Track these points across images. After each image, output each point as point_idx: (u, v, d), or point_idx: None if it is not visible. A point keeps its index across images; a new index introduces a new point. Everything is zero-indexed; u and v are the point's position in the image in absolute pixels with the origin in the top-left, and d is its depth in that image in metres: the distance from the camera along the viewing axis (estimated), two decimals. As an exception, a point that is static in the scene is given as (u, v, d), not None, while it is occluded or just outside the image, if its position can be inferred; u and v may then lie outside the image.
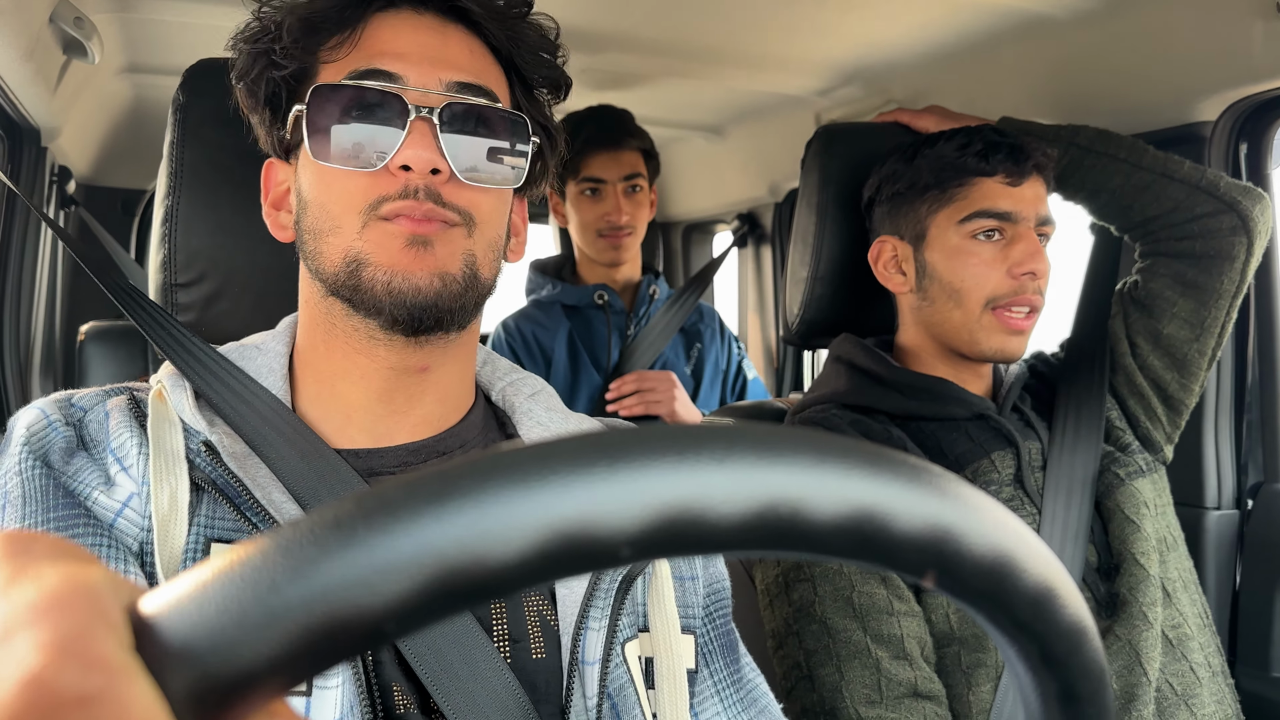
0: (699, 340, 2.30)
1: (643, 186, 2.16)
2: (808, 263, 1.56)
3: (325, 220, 0.83)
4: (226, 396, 0.83)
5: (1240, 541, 1.66)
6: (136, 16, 1.81)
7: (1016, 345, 1.34)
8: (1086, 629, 0.34)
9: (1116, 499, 1.34)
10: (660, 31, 1.92)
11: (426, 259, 0.80)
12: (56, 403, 0.81)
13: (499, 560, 0.25)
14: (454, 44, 0.87)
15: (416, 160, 0.80)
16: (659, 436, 0.28)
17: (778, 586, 1.29)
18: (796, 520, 0.28)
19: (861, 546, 0.29)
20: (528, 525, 0.26)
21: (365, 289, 0.80)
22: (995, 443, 1.36)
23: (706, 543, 0.27)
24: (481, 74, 0.87)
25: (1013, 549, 0.31)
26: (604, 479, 0.26)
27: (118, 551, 0.73)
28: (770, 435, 0.29)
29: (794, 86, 2.26)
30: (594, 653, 0.81)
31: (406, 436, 0.87)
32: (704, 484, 0.27)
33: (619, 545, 0.26)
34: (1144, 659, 1.22)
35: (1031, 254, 1.32)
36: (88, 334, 1.95)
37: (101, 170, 2.73)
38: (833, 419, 1.39)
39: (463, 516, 0.25)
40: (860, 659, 1.18)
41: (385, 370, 0.85)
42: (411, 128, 0.80)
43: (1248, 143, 1.64)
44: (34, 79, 1.80)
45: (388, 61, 0.83)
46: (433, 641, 0.75)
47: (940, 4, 1.71)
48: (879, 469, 0.29)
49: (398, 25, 0.86)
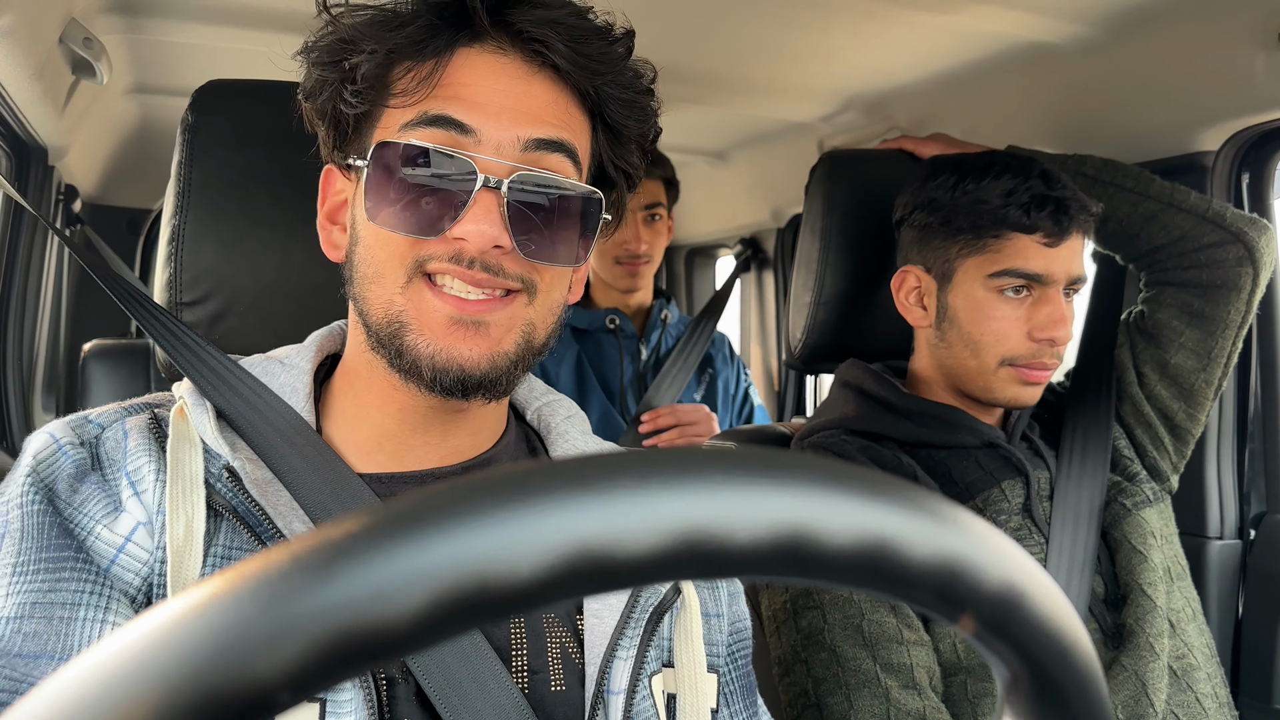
0: (710, 366, 2.31)
1: (662, 215, 2.17)
2: (811, 288, 1.57)
3: (370, 265, 0.79)
4: (248, 415, 0.81)
5: (1243, 572, 1.65)
6: (145, 38, 1.82)
7: (1031, 394, 1.33)
8: (1095, 676, 0.33)
9: (1124, 529, 1.33)
10: (666, 57, 1.93)
11: (478, 339, 0.76)
12: (69, 424, 0.78)
13: (517, 578, 0.25)
14: (537, 93, 0.79)
15: (477, 236, 0.74)
16: (677, 459, 0.27)
17: (785, 613, 1.28)
18: (814, 548, 0.28)
19: (874, 576, 0.29)
20: (547, 541, 0.25)
21: (408, 355, 0.77)
22: (1005, 471, 1.35)
23: (723, 566, 0.27)
24: (564, 128, 0.80)
25: (1024, 585, 0.31)
26: (624, 499, 0.26)
27: (103, 597, 0.71)
28: (790, 461, 0.29)
29: (798, 113, 2.27)
30: (620, 682, 0.79)
31: (434, 463, 0.85)
32: (723, 507, 0.27)
33: (636, 566, 0.26)
34: (1150, 690, 1.21)
35: (1056, 321, 1.28)
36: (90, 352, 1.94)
37: (108, 189, 2.74)
38: (842, 445, 1.38)
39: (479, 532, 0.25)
40: (870, 688, 1.17)
41: (424, 409, 0.82)
42: (476, 199, 0.75)
43: (1250, 172, 1.64)
44: (42, 98, 1.81)
45: (463, 110, 0.76)
46: (448, 670, 0.74)
47: (944, 32, 1.72)
48: (895, 499, 0.29)
49: (479, 67, 0.78)
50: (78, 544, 0.72)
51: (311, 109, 0.84)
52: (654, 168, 2.14)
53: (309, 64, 0.81)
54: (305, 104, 0.84)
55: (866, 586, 0.29)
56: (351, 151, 0.82)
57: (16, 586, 0.70)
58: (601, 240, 0.89)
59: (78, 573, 0.71)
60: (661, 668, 0.84)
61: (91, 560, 0.72)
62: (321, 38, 0.80)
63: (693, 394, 2.25)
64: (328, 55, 0.80)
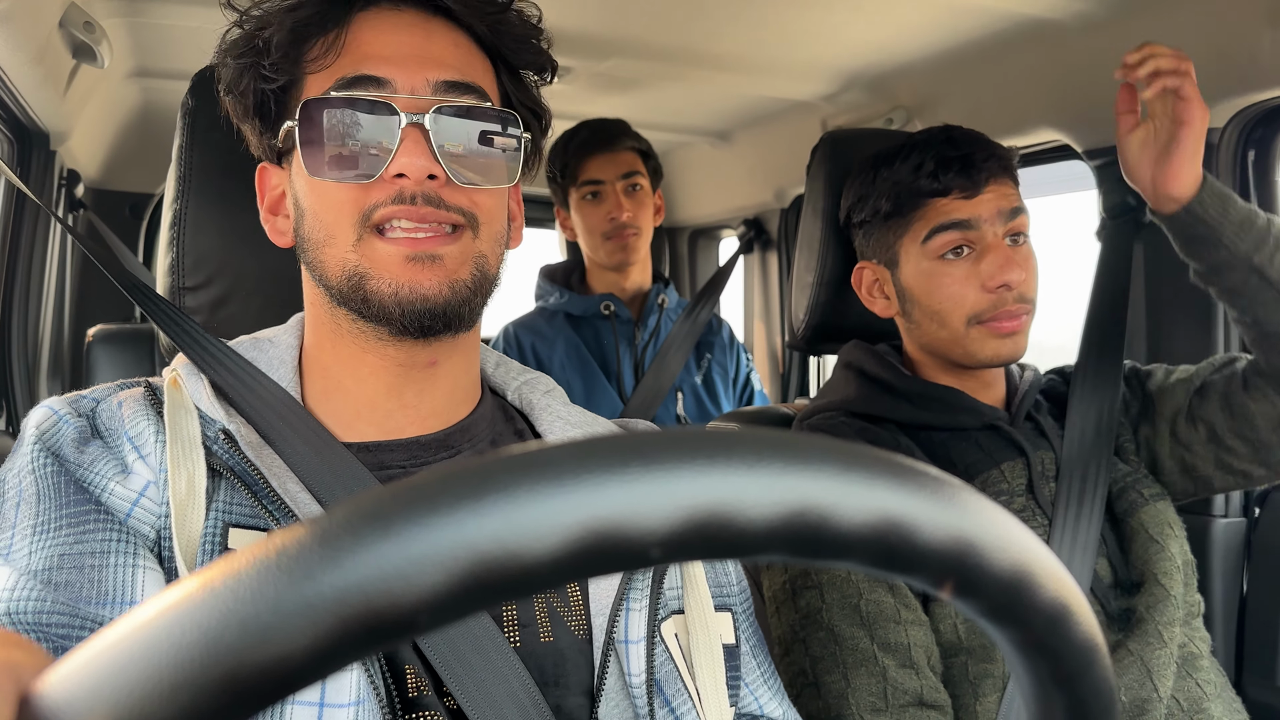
0: (709, 351, 2.30)
1: (643, 185, 2.15)
2: (813, 268, 1.56)
3: (320, 230, 0.83)
4: (240, 390, 0.84)
5: (1248, 549, 1.65)
6: (145, 21, 1.82)
7: (1012, 347, 1.31)
8: (1098, 648, 0.34)
9: (1140, 518, 1.32)
10: (667, 37, 1.93)
11: (435, 270, 0.80)
12: (65, 399, 0.81)
13: (533, 557, 0.25)
14: (439, 40, 0.85)
15: (412, 168, 0.79)
16: (691, 439, 0.28)
17: (784, 593, 1.29)
18: (824, 527, 0.28)
19: (885, 556, 0.29)
20: (562, 523, 0.26)
21: (373, 300, 0.80)
22: (1005, 452, 1.34)
23: (734, 547, 0.28)
24: (468, 69, 0.86)
25: (1031, 565, 0.31)
26: (638, 479, 0.26)
27: (129, 545, 0.74)
28: (800, 442, 0.29)
29: (800, 92, 2.26)
30: (638, 632, 0.82)
31: (416, 430, 0.88)
32: (735, 488, 0.27)
33: (649, 546, 0.27)
34: (1155, 676, 1.21)
35: (1002, 265, 1.27)
36: (95, 336, 1.95)
37: (110, 174, 2.74)
38: (840, 427, 1.38)
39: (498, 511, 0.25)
40: (867, 667, 1.18)
41: (394, 367, 0.85)
42: (404, 135, 0.80)
43: (1255, 150, 1.64)
44: (43, 83, 1.81)
45: (374, 65, 0.82)
46: (447, 632, 0.76)
47: (946, 10, 1.71)
48: (906, 480, 0.29)
49: (380, 25, 0.85)
50: (94, 499, 0.75)
51: (235, 103, 0.89)
52: (626, 138, 2.14)
53: (226, 61, 0.87)
54: (227, 100, 0.89)
55: (878, 567, 0.29)
56: (281, 128, 0.86)
57: (41, 543, 0.72)
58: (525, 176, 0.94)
59: (101, 524, 0.74)
60: (671, 615, 0.87)
61: (111, 514, 0.74)
62: (230, 34, 0.87)
63: (693, 378, 2.25)
64: (242, 44, 0.85)
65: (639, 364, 2.19)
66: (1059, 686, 0.34)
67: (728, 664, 0.89)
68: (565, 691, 0.81)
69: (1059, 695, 0.34)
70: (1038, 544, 0.32)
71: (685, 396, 2.22)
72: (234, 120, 0.91)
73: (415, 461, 0.86)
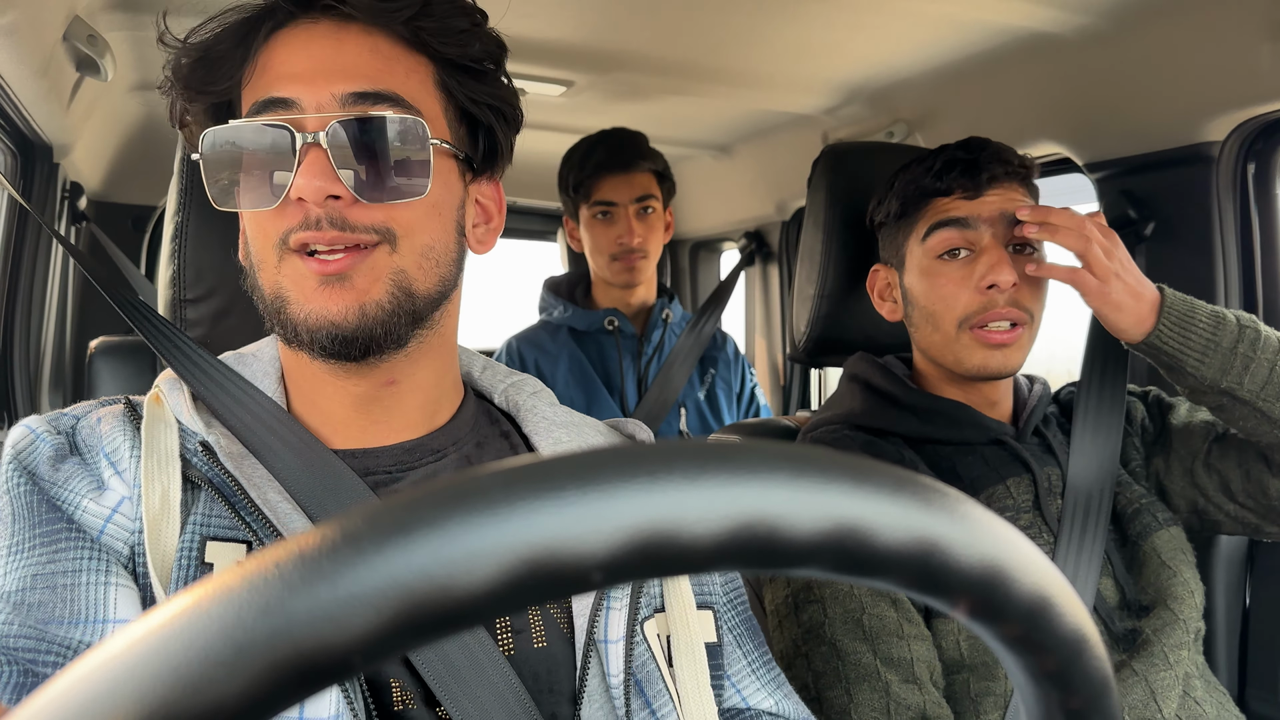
0: (713, 366, 2.29)
1: (655, 208, 2.14)
2: (814, 281, 1.57)
3: (254, 255, 0.82)
4: (225, 401, 0.83)
5: (1250, 564, 1.65)
6: (149, 34, 1.82)
7: (1000, 361, 1.30)
8: (1086, 637, 0.33)
9: (1154, 543, 1.30)
10: (669, 51, 1.93)
11: (343, 293, 0.77)
12: (45, 417, 0.81)
13: (465, 590, 0.25)
14: (349, 49, 0.81)
15: (308, 190, 0.76)
16: (628, 457, 0.27)
17: (787, 607, 1.28)
18: (774, 537, 0.27)
19: (844, 561, 0.28)
20: (494, 553, 0.25)
21: (289, 325, 0.79)
22: (1010, 468, 1.33)
23: (681, 563, 0.27)
24: (386, 76, 0.81)
25: (1004, 558, 0.30)
26: (572, 503, 0.26)
27: (102, 562, 0.73)
28: (743, 451, 0.28)
29: (801, 105, 2.27)
30: (617, 631, 0.81)
31: (397, 438, 0.87)
32: (676, 504, 0.26)
33: (589, 570, 0.26)
34: (1159, 697, 1.20)
35: (992, 266, 1.26)
36: (97, 349, 1.95)
37: (113, 186, 2.75)
38: (845, 441, 1.37)
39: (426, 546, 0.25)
40: (869, 682, 1.17)
41: (351, 389, 0.84)
42: (301, 155, 0.76)
43: (1255, 163, 1.64)
44: (47, 96, 1.82)
45: (282, 85, 0.79)
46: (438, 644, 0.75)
47: (948, 24, 1.72)
48: (859, 480, 0.28)
49: (291, 43, 0.81)
50: (67, 517, 0.74)
51: (187, 135, 0.88)
52: (644, 160, 2.12)
53: (167, 94, 0.86)
54: (184, 132, 0.88)
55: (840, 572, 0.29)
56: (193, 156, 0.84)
57: (15, 564, 0.72)
58: (487, 182, 0.91)
59: (73, 542, 0.73)
60: (653, 613, 0.86)
61: (84, 532, 0.74)
62: (162, 72, 0.86)
63: (696, 393, 2.25)
64: (165, 74, 0.85)
65: (642, 379, 2.19)
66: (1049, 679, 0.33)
67: (711, 663, 0.87)
68: (559, 698, 0.80)
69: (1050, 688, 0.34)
70: (1012, 533, 0.32)
71: (688, 412, 2.21)
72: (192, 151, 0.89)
73: (401, 466, 0.85)
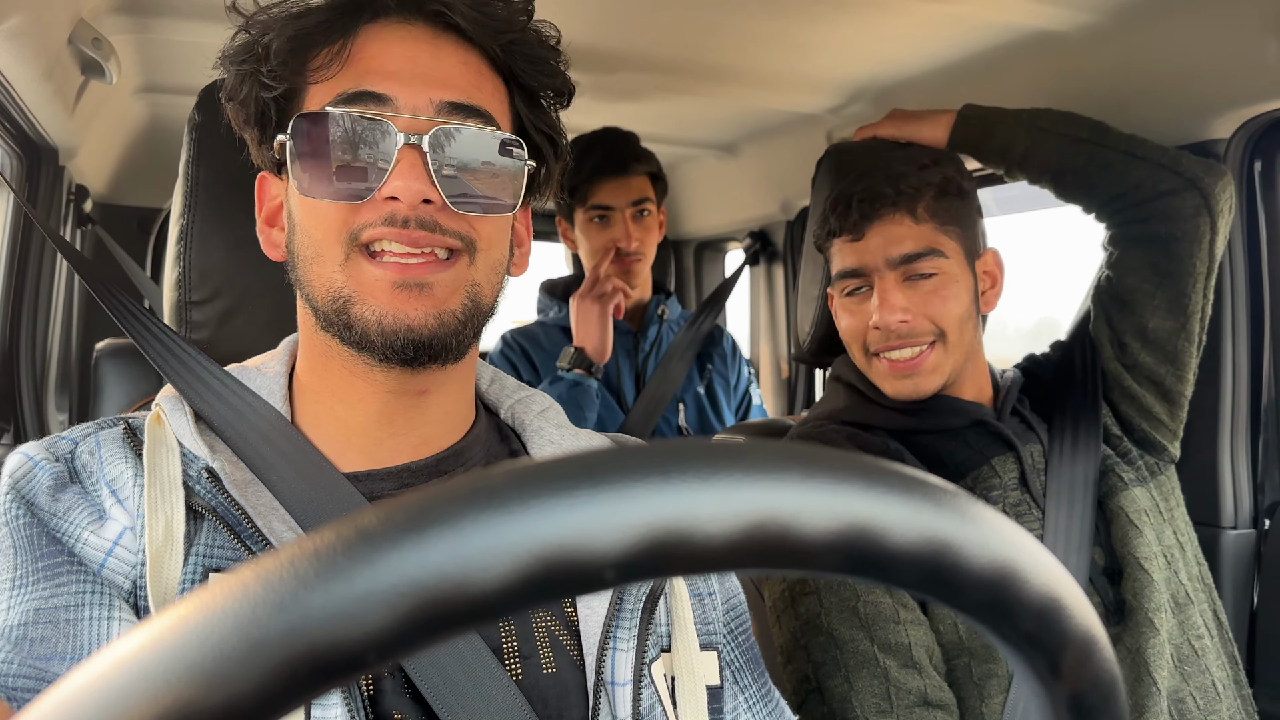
0: (710, 362, 2.30)
1: (651, 211, 2.15)
2: (818, 280, 1.56)
3: (309, 246, 0.81)
4: (228, 416, 0.81)
5: (1258, 561, 1.64)
6: (153, 37, 1.83)
7: (911, 386, 1.34)
8: (1096, 638, 0.33)
9: (1119, 501, 1.34)
10: (673, 50, 1.93)
11: (422, 300, 0.77)
12: (41, 443, 0.79)
13: (480, 587, 0.25)
14: (447, 59, 0.82)
15: (405, 191, 0.76)
16: (642, 456, 0.27)
17: (784, 601, 1.29)
18: (786, 536, 0.27)
19: (856, 561, 0.28)
20: (509, 550, 0.25)
21: (356, 326, 0.77)
22: (994, 448, 1.35)
23: (693, 563, 0.27)
24: (476, 91, 0.82)
25: (1015, 559, 0.30)
26: (586, 501, 0.26)
27: (103, 597, 0.71)
28: (756, 450, 0.28)
29: (806, 104, 2.26)
30: (624, 674, 0.79)
31: (407, 457, 0.85)
32: (688, 503, 0.26)
33: (603, 568, 0.26)
34: (1152, 668, 1.20)
35: (877, 307, 1.34)
36: (103, 351, 1.96)
37: (118, 189, 2.75)
38: (829, 434, 1.40)
39: (441, 543, 0.25)
40: (868, 668, 1.18)
41: (383, 394, 0.83)
42: (400, 156, 0.76)
43: (1262, 160, 1.63)
44: (52, 99, 1.82)
45: (377, 81, 0.79)
46: (439, 662, 0.74)
47: (952, 22, 1.71)
48: (872, 481, 0.28)
49: (387, 39, 0.81)
50: (68, 550, 0.73)
51: (236, 109, 0.86)
52: (640, 163, 2.13)
53: (228, 67, 0.84)
54: (229, 106, 0.86)
55: (851, 573, 0.29)
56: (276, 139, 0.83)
57: (19, 598, 0.70)
58: (536, 199, 0.91)
59: (74, 576, 0.72)
60: (660, 653, 0.84)
61: (85, 565, 0.72)
62: (235, 39, 0.84)
63: (696, 387, 2.25)
64: (244, 51, 0.83)
65: (640, 375, 2.19)
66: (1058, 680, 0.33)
67: (711, 706, 0.85)
68: None
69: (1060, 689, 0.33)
70: (1022, 535, 0.31)
71: (687, 407, 2.21)
72: (235, 128, 0.88)
73: (407, 489, 0.84)
